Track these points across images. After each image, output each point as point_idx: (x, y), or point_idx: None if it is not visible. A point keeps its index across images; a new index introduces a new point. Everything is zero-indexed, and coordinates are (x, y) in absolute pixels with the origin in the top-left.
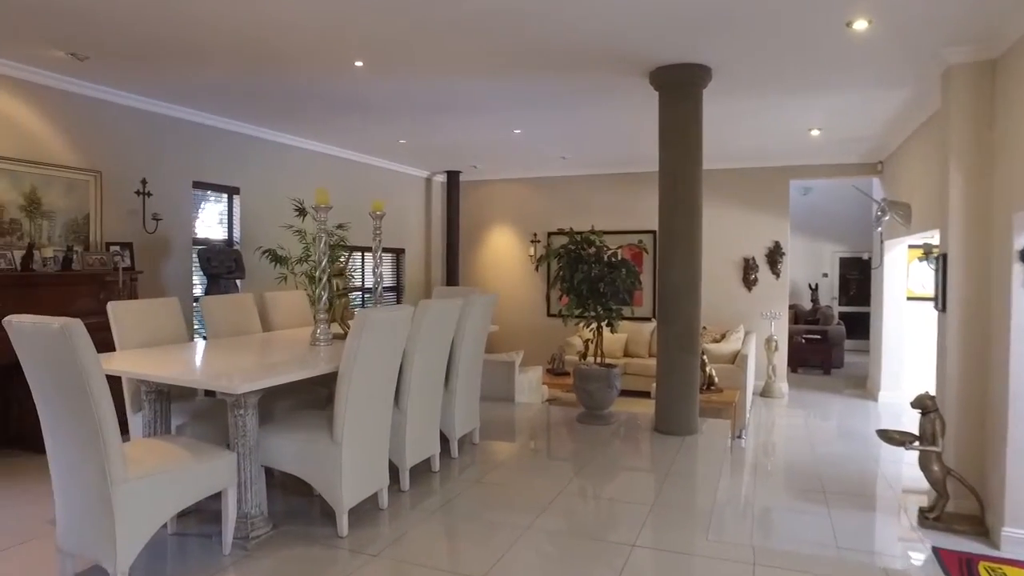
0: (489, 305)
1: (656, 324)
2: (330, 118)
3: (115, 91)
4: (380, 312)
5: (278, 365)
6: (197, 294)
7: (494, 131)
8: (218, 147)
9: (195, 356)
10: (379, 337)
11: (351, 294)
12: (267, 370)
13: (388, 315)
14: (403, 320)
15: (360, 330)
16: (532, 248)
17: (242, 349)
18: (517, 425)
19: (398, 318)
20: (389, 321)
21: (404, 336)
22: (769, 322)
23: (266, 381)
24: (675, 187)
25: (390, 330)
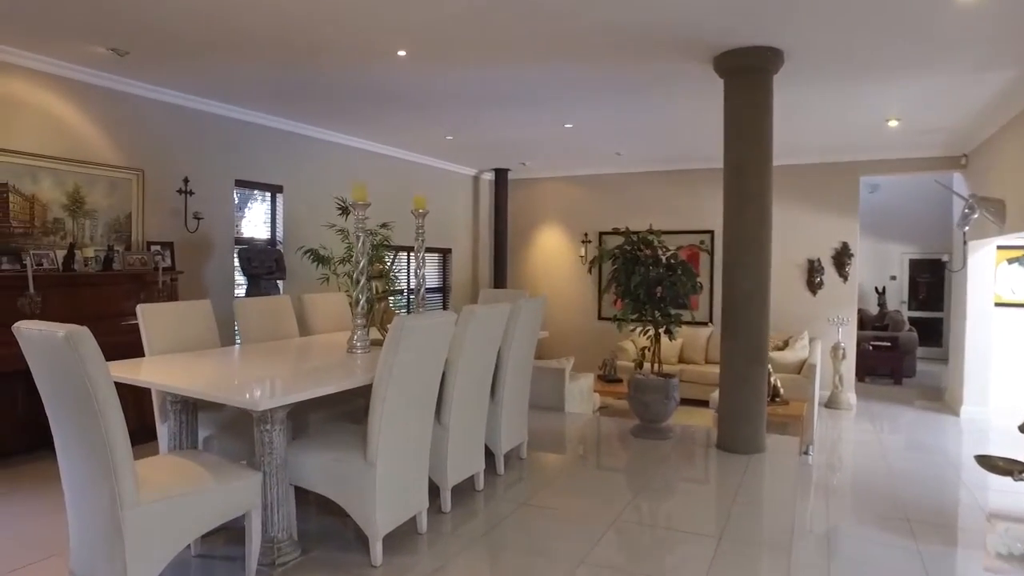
0: (539, 309)
1: (719, 332)
2: (374, 113)
3: (157, 88)
4: (419, 319)
5: (308, 377)
6: (240, 295)
7: (544, 126)
8: (261, 145)
9: (222, 363)
10: (418, 346)
11: (393, 298)
12: (295, 382)
13: (428, 322)
14: (445, 327)
15: (396, 339)
16: (583, 249)
17: (273, 356)
18: (567, 438)
19: (439, 325)
20: (429, 329)
21: (446, 345)
22: (836, 328)
23: (291, 396)
24: (742, 184)
25: (430, 338)
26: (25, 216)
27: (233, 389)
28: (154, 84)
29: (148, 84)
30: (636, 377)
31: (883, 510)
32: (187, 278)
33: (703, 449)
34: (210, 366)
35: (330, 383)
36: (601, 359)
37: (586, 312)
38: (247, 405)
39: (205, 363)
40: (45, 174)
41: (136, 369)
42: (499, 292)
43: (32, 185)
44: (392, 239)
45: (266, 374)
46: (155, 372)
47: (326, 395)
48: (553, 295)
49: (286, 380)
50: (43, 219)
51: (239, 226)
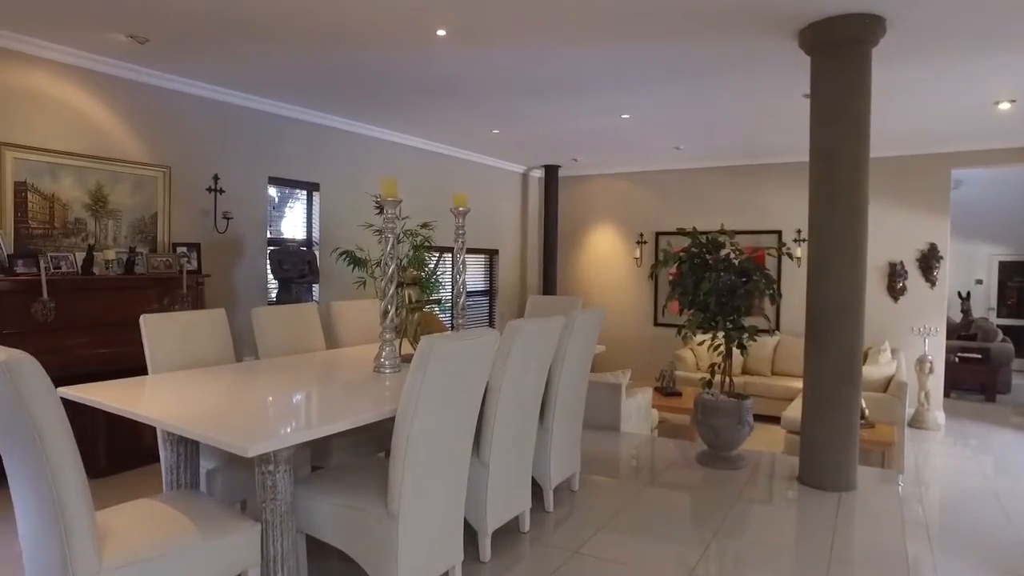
0: (595, 323)
1: (790, 343)
2: (414, 105)
3: (183, 79)
4: (452, 341)
5: (320, 407)
6: (273, 300)
7: (598, 116)
8: (296, 140)
9: (227, 386)
10: (451, 372)
11: (433, 306)
12: (301, 416)
13: (463, 344)
14: (484, 348)
15: (423, 366)
16: (637, 250)
17: (287, 376)
18: (624, 464)
19: (477, 347)
20: (464, 352)
21: (486, 368)
22: (922, 339)
23: (289, 438)
24: (833, 176)
25: (467, 362)
26: (44, 216)
27: (220, 426)
28: (180, 75)
29: (174, 75)
30: (703, 398)
31: (1015, 566)
32: (215, 282)
33: (783, 483)
34: (210, 389)
35: (343, 417)
36: (657, 368)
37: (642, 318)
38: (234, 449)
39: (207, 385)
40: (66, 172)
41: (117, 392)
42: (550, 300)
43: (52, 183)
44: (434, 239)
45: (270, 402)
46: (138, 397)
47: None
48: (606, 299)
49: (291, 412)
50: (64, 219)
51: (279, 226)
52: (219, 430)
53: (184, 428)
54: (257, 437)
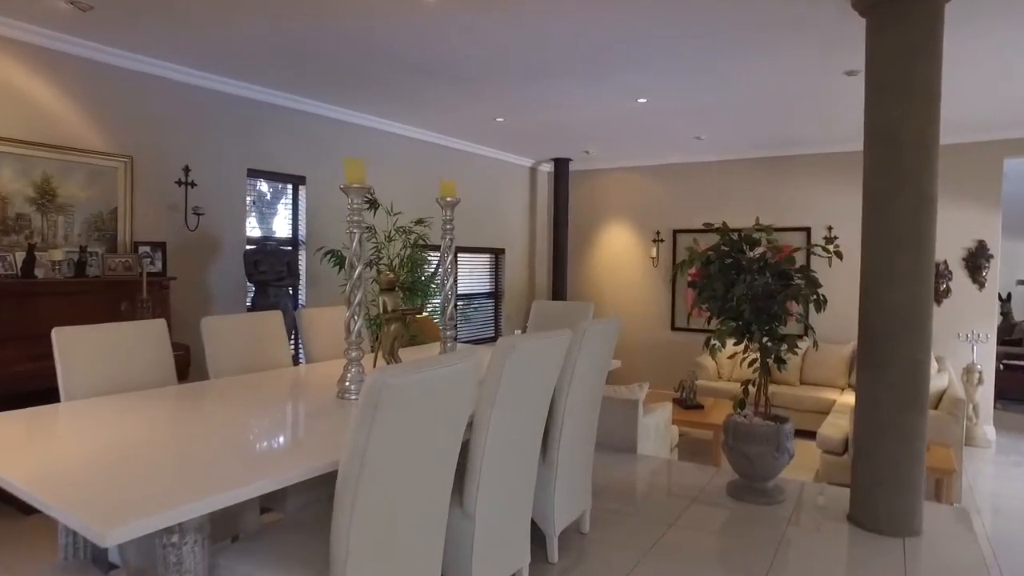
0: (610, 336)
1: (857, 364)
2: (409, 89)
3: (146, 58)
4: (410, 372)
5: (242, 459)
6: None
7: (612, 101)
8: (279, 129)
9: (134, 422)
10: (412, 414)
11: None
12: (202, 478)
13: (427, 376)
14: (461, 378)
15: (371, 411)
16: (654, 249)
17: (226, 406)
18: (642, 497)
19: (451, 377)
20: (431, 385)
21: (466, 402)
22: (970, 346)
23: (164, 517)
24: (896, 159)
25: (436, 398)
26: None
27: (82, 494)
28: (142, 53)
29: (135, 53)
30: (734, 420)
31: None
32: (184, 285)
33: (833, 524)
34: (117, 429)
35: (262, 476)
36: (675, 377)
37: (658, 322)
38: (87, 533)
39: (119, 420)
40: (6, 161)
41: None
42: (558, 306)
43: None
44: (429, 237)
45: (179, 451)
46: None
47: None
48: (620, 302)
49: (197, 467)
50: (2, 215)
51: (271, 224)
52: (75, 501)
53: (29, 492)
54: (124, 515)
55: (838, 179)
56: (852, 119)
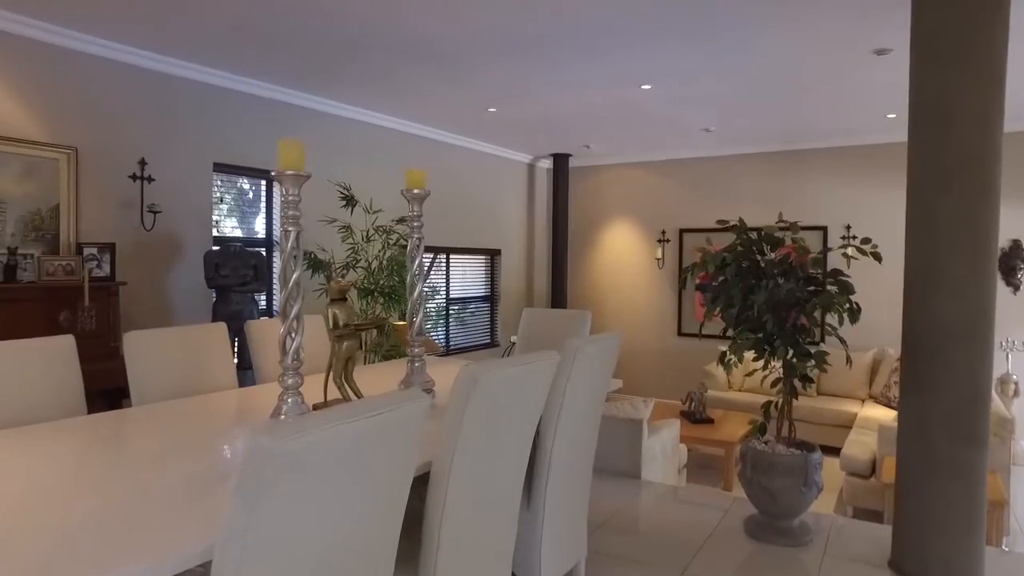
0: (609, 354)
1: (900, 385)
2: (391, 75)
3: (95, 39)
4: (305, 431)
5: (85, 544)
6: None
7: (613, 88)
8: (249, 119)
9: (8, 470)
10: (337, 476)
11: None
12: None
13: (332, 434)
14: (396, 429)
15: (251, 488)
16: (659, 250)
17: (121, 450)
18: (647, 536)
19: (378, 428)
20: (348, 442)
21: (406, 456)
22: (1004, 354)
23: None
24: (951, 142)
25: (363, 455)
26: None
27: None
28: (88, 33)
29: (80, 33)
30: (754, 448)
31: None
32: (137, 291)
33: (871, 572)
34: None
35: (137, 559)
36: (682, 387)
37: (664, 327)
38: None
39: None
40: None
41: None
42: (550, 315)
43: None
44: None
45: (33, 519)
46: None
47: None
48: (622, 306)
49: (37, 551)
50: None
51: (253, 224)
52: None
53: None
54: None
55: (856, 175)
56: (876, 106)
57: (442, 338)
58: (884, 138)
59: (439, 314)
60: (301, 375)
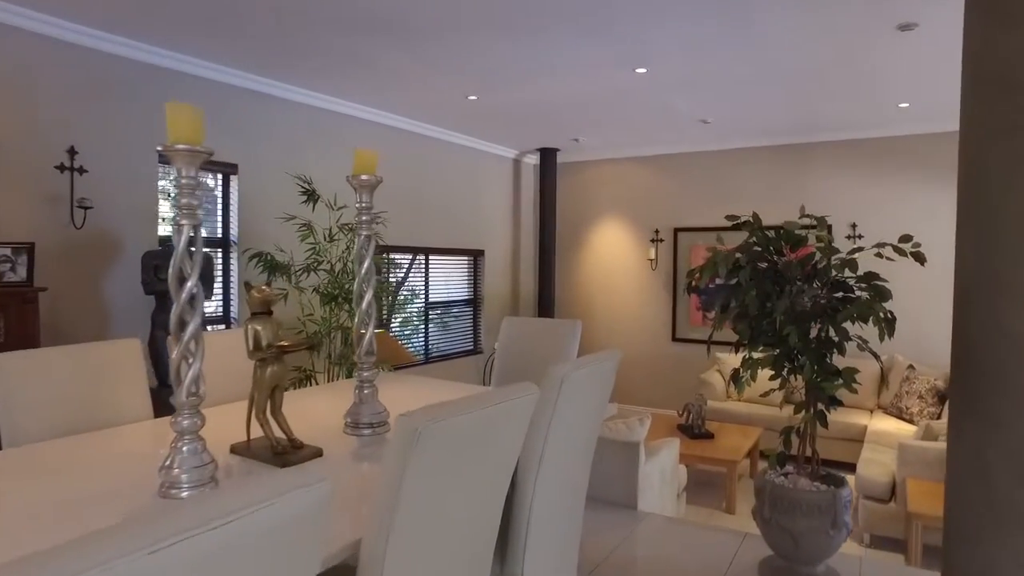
0: (605, 379)
1: (950, 414)
2: (359, 57)
3: (16, 8)
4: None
5: None
6: None
7: (605, 71)
8: (202, 106)
9: None
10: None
11: (312, 347)
12: None
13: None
14: (298, 507)
15: None
16: (653, 250)
17: None
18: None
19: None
20: (222, 546)
21: (312, 543)
22: None
23: None
24: (1013, 116)
25: (246, 558)
26: None
27: None
28: (15, 2)
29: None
30: (772, 482)
31: None
32: (64, 299)
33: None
34: None
35: None
36: (677, 394)
37: (658, 332)
38: None
39: None
40: None
41: None
42: (535, 325)
43: None
44: (384, 236)
45: None
46: None
47: None
48: (613, 310)
49: None
50: None
51: (208, 222)
52: None
53: None
54: None
55: (863, 171)
56: (890, 93)
57: (421, 345)
58: (894, 131)
59: (419, 319)
60: (201, 414)
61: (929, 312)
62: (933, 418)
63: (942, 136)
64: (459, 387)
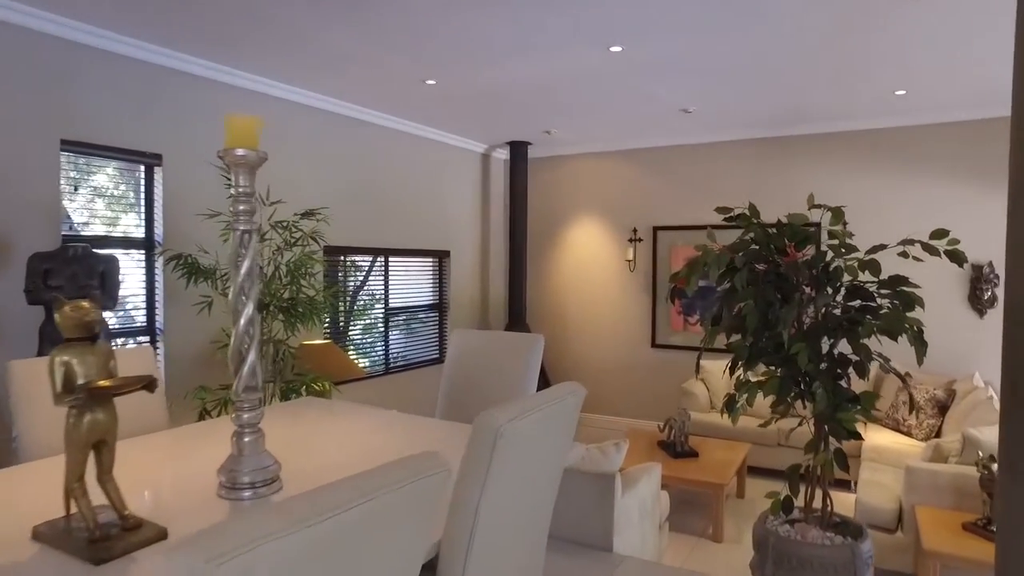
0: (565, 423)
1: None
2: (299, 31)
3: None
4: None
5: None
6: None
7: (576, 49)
8: (116, 87)
9: None
10: None
11: (149, 385)
12: None
13: None
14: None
15: None
16: (630, 250)
17: None
18: None
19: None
20: None
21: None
22: None
23: None
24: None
25: None
26: None
27: None
28: None
29: None
30: (776, 533)
31: None
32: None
33: None
34: None
35: None
36: (657, 405)
37: (636, 338)
38: None
39: None
40: None
41: None
42: (490, 339)
43: None
44: (326, 236)
45: None
46: None
47: None
48: (589, 315)
49: None
50: None
51: (65, 217)
52: None
53: None
54: None
55: (855, 165)
56: (887, 78)
57: (380, 354)
58: (888, 122)
59: (380, 326)
60: None
61: (927, 316)
62: (932, 431)
63: (941, 128)
64: (388, 416)
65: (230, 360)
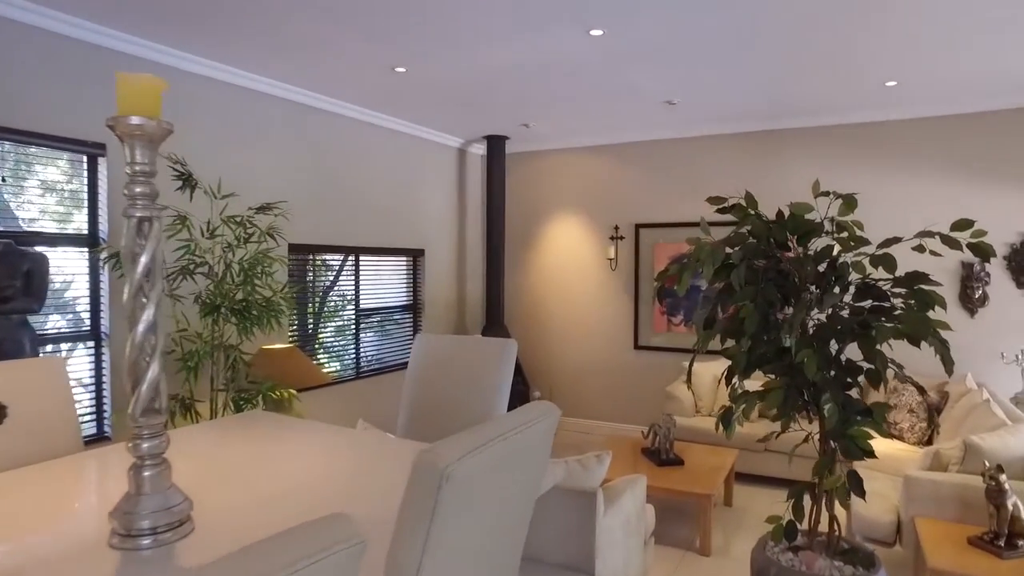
0: (538, 449)
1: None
2: (261, 13)
3: None
4: None
5: None
6: None
7: (553, 33)
8: (57, 70)
9: None
10: None
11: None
12: None
13: None
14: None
15: None
16: (612, 248)
17: None
18: None
19: None
20: None
21: None
22: (1017, 368)
23: None
24: None
25: None
26: None
27: None
28: None
29: None
30: (776, 561)
31: None
32: None
33: None
34: None
35: None
36: (639, 409)
37: (618, 339)
38: None
39: None
40: None
41: None
42: (458, 344)
43: None
44: (283, 231)
45: None
46: None
47: None
48: (568, 315)
49: None
50: None
51: (68, 216)
52: None
53: None
54: None
55: (845, 160)
56: (879, 68)
57: (351, 357)
58: (879, 115)
59: (350, 327)
60: None
61: None
62: (924, 435)
63: (936, 121)
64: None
65: (126, 376)
